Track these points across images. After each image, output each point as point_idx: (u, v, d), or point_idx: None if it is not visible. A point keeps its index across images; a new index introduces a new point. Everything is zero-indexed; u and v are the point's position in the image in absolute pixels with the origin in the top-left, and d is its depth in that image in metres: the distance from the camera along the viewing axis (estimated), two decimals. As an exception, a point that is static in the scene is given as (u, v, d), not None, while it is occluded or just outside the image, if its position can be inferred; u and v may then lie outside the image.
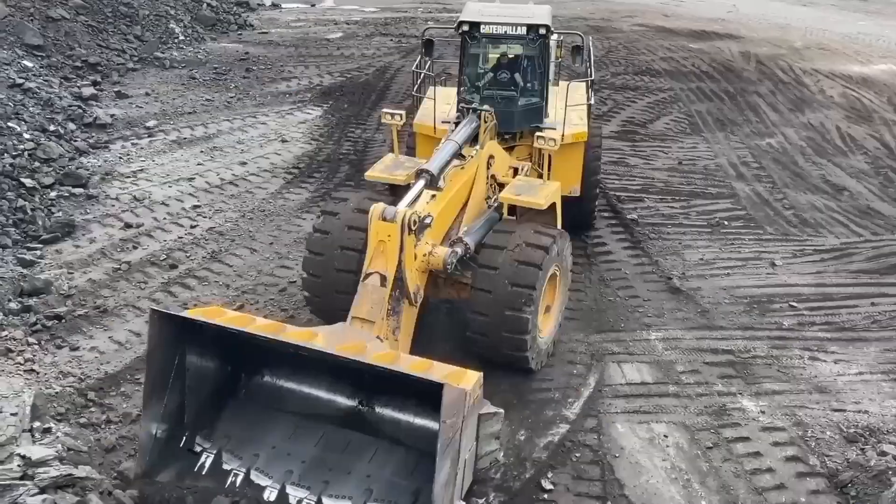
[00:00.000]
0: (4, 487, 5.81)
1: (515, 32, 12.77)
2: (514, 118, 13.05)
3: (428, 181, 10.37)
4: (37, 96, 19.21)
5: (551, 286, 11.44)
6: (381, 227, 9.52)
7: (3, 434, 6.29)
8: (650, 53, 28.29)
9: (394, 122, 12.26)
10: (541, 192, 11.67)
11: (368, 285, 9.53)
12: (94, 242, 14.60)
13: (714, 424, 10.74)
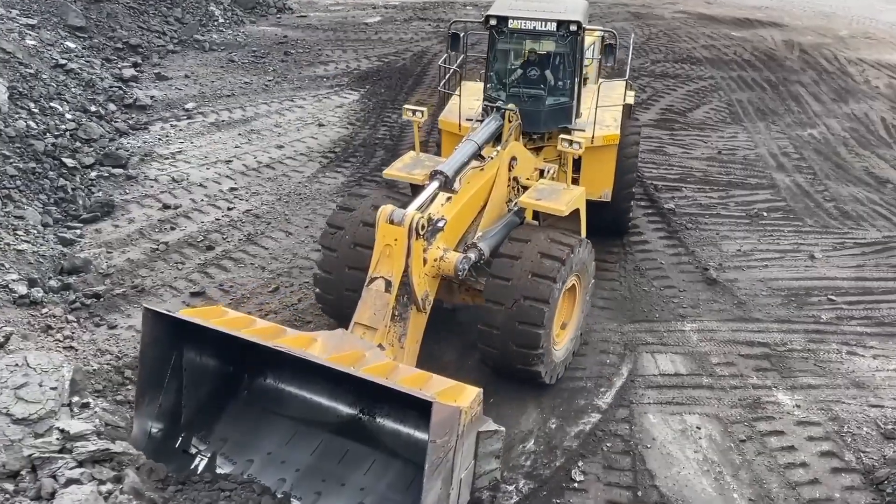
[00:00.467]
0: (44, 460, 5.91)
1: (545, 28, 12.13)
2: (540, 118, 12.52)
3: (442, 183, 9.96)
4: (79, 77, 19.45)
5: (570, 297, 11.03)
6: (387, 231, 9.13)
7: (43, 408, 6.39)
8: (691, 41, 27.93)
9: (415, 118, 11.80)
10: (563, 198, 11.09)
11: (372, 290, 9.20)
12: (133, 223, 14.78)
13: (748, 417, 10.64)
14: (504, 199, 11.51)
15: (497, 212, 11.32)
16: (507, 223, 11.20)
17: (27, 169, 14.91)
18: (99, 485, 5.79)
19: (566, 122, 12.70)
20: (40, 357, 6.79)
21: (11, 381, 6.48)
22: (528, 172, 11.95)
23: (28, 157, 15.21)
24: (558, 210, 10.80)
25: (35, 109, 16.63)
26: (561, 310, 10.70)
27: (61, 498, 5.52)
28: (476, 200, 10.92)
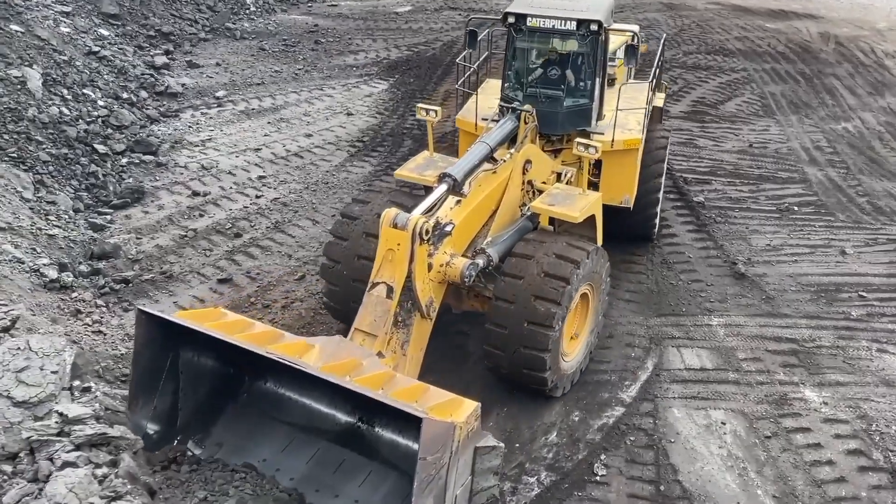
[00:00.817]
0: (42, 443, 5.99)
1: (564, 27, 11.59)
2: (558, 120, 12.02)
3: (450, 186, 9.64)
4: (111, 64, 19.62)
5: (582, 308, 10.69)
6: (390, 235, 8.89)
7: (44, 391, 6.47)
8: (724, 32, 27.58)
9: (429, 117, 11.44)
10: (577, 204, 10.68)
11: (373, 296, 8.98)
12: (163, 209, 14.92)
13: (774, 413, 10.54)
14: (517, 204, 11.20)
15: (509, 216, 11.02)
16: (520, 228, 10.89)
17: (60, 155, 15.09)
18: (95, 468, 5.86)
19: (585, 125, 12.24)
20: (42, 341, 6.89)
21: (13, 365, 6.58)
22: (543, 176, 11.63)
23: (61, 143, 15.39)
24: (571, 217, 10.44)
25: (68, 96, 16.82)
26: (572, 319, 10.44)
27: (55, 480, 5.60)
28: (487, 204, 10.62)
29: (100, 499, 5.58)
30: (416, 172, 11.34)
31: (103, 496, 5.63)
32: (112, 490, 5.71)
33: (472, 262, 9.72)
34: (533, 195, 11.33)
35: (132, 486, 5.87)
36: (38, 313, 10.60)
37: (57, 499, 5.42)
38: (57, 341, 6.88)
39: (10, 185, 13.35)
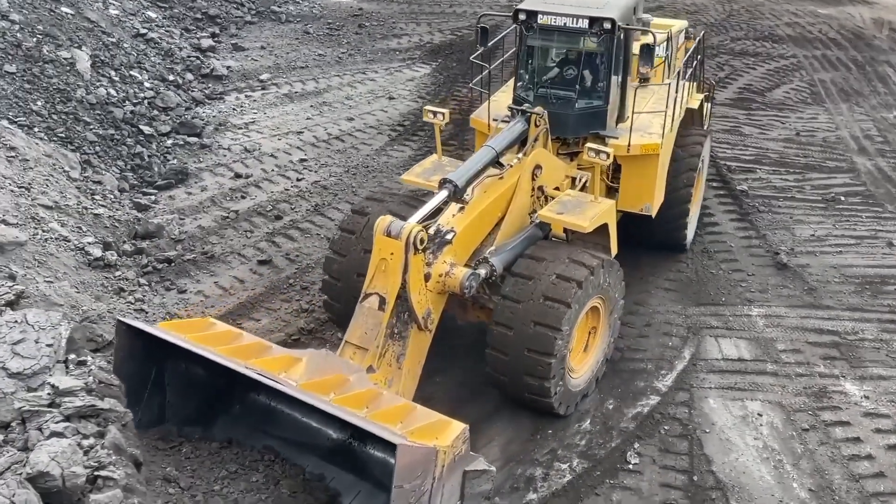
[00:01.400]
0: (33, 413, 6.16)
1: (576, 25, 10.94)
2: (569, 122, 11.39)
3: (451, 192, 9.25)
4: (158, 46, 19.89)
5: (592, 320, 10.28)
6: (384, 244, 8.54)
7: (38, 363, 6.65)
8: (774, 18, 27.07)
9: (436, 120, 11.01)
10: (588, 212, 10.19)
11: (365, 307, 8.63)
12: (206, 190, 15.12)
13: (812, 406, 10.40)
14: (526, 211, 10.70)
15: (517, 224, 10.52)
16: (528, 237, 10.37)
17: (106, 135, 15.36)
18: (82, 439, 6.02)
19: (599, 128, 11.56)
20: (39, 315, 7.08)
21: (9, 337, 6.80)
22: (556, 181, 11.13)
23: (107, 124, 15.66)
24: (580, 226, 10.00)
25: (115, 77, 17.09)
26: (583, 333, 10.17)
27: (39, 449, 5.76)
28: (492, 211, 10.16)
29: (83, 468, 5.74)
30: (423, 177, 10.89)
31: (87, 465, 5.78)
32: (96, 460, 5.87)
33: (474, 272, 9.29)
34: (543, 201, 10.84)
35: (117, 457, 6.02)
36: (82, 291, 10.85)
37: (39, 467, 5.59)
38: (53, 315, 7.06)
39: (57, 165, 13.63)
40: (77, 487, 5.66)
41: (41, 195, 12.38)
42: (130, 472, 6.08)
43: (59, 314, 7.11)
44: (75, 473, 5.67)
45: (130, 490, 5.88)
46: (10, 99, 14.43)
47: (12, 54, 15.37)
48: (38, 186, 12.56)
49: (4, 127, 13.44)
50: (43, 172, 13.05)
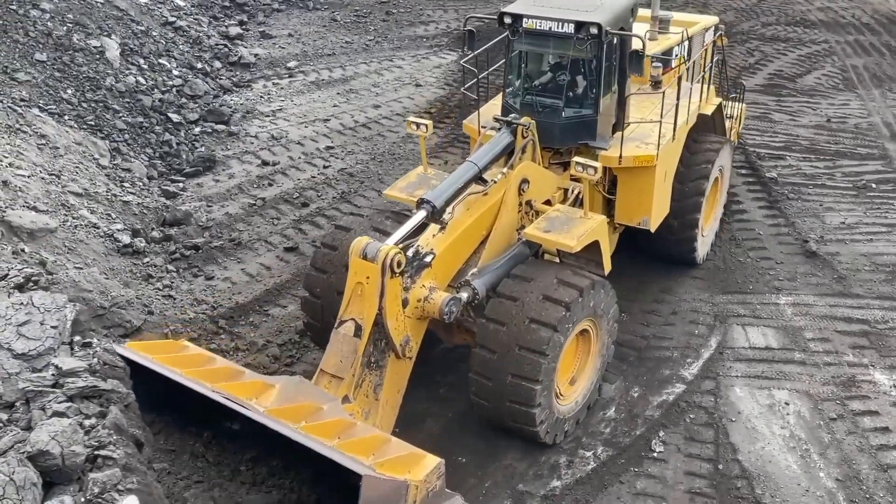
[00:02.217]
0: (37, 393, 6.25)
1: (561, 30, 10.18)
2: (555, 132, 10.69)
3: (429, 213, 8.77)
4: (186, 34, 20.02)
5: (583, 344, 9.78)
6: (360, 267, 8.14)
7: (42, 344, 6.74)
8: (806, 3, 26.67)
9: (419, 132, 10.37)
10: (575, 230, 9.61)
11: (340, 334, 8.23)
12: (233, 178, 15.22)
13: (840, 395, 10.30)
14: (513, 228, 10.15)
15: (504, 242, 9.97)
16: (515, 256, 9.85)
17: (135, 123, 15.51)
18: (84, 419, 6.12)
19: (588, 139, 10.82)
20: (45, 297, 7.18)
21: (15, 319, 6.92)
22: (546, 194, 10.57)
23: (136, 112, 15.81)
24: (566, 246, 9.46)
25: (144, 66, 17.24)
26: (573, 357, 9.69)
27: (40, 429, 5.86)
28: (476, 230, 9.61)
29: (83, 447, 5.84)
30: (406, 192, 10.33)
31: (87, 445, 5.87)
32: (97, 440, 5.96)
33: (454, 297, 8.81)
34: (533, 216, 10.30)
35: (118, 437, 6.11)
36: (111, 277, 10.98)
37: (39, 446, 5.70)
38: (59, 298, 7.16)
39: (87, 152, 13.79)
40: (77, 466, 5.77)
41: (71, 182, 12.54)
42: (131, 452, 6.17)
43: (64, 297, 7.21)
44: (75, 452, 5.78)
45: (130, 469, 5.97)
46: (40, 87, 14.61)
47: (43, 43, 15.55)
48: (68, 174, 12.72)
49: (35, 115, 13.61)
50: (73, 160, 13.21)
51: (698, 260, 12.60)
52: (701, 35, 13.38)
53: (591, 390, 9.96)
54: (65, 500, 5.53)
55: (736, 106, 14.42)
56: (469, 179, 9.42)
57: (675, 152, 11.63)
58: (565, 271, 9.37)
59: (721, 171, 12.82)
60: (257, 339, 11.04)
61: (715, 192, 12.97)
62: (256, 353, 10.68)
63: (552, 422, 9.27)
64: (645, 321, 11.66)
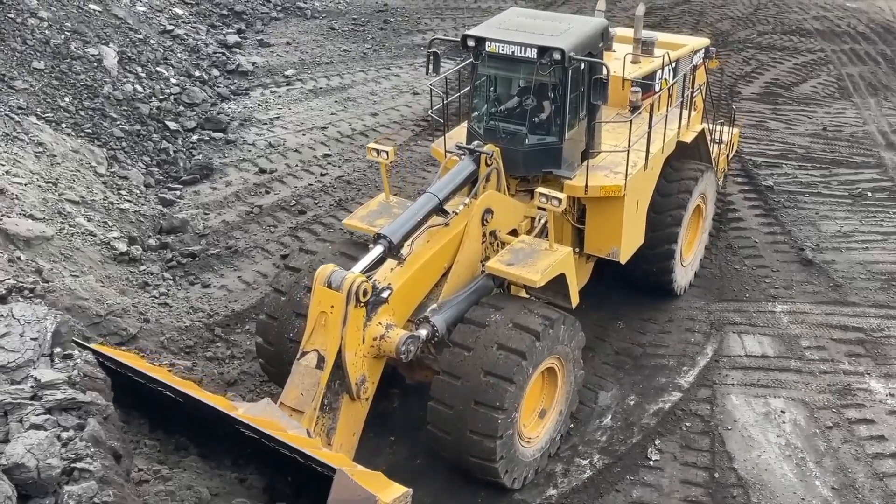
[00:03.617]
0: (15, 405, 6.22)
1: (524, 55, 9.79)
2: (519, 159, 10.25)
3: (386, 249, 8.45)
4: (184, 43, 20.05)
5: (549, 383, 9.32)
6: (324, 295, 7.82)
7: (22, 356, 6.71)
8: (802, 12, 26.77)
9: (381, 159, 9.99)
10: (540, 263, 9.18)
11: (302, 366, 7.88)
12: (230, 186, 15.23)
13: (836, 404, 10.32)
14: (476, 259, 9.72)
15: (467, 274, 9.57)
16: (477, 289, 9.48)
17: (133, 131, 15.52)
18: (62, 431, 6.09)
19: (552, 167, 10.37)
20: (25, 309, 7.16)
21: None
22: (512, 223, 10.20)
23: (134, 120, 15.82)
24: (529, 280, 9.04)
25: (142, 74, 17.25)
26: (538, 397, 9.25)
27: (15, 441, 5.83)
28: (436, 262, 9.22)
29: (59, 460, 5.82)
30: (366, 222, 9.94)
31: (64, 457, 5.85)
32: (74, 452, 5.93)
33: (412, 335, 8.43)
34: (498, 247, 9.90)
35: (95, 450, 6.07)
36: (107, 285, 10.98)
37: (14, 458, 5.66)
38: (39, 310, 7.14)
39: (84, 160, 13.79)
40: (52, 479, 5.73)
41: (68, 190, 12.54)
42: (108, 465, 6.13)
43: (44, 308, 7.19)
44: (50, 465, 5.74)
45: (107, 482, 5.92)
46: (38, 95, 14.61)
47: (41, 51, 15.57)
48: (65, 181, 12.72)
49: (33, 123, 13.62)
50: (70, 168, 13.22)
51: (677, 291, 12.13)
52: (688, 58, 12.84)
53: (556, 438, 9.49)
54: (40, 513, 5.50)
55: (726, 131, 14.05)
56: (428, 212, 9.07)
57: (649, 181, 11.14)
58: (534, 303, 9.14)
59: (703, 199, 12.33)
60: (253, 348, 11.01)
61: (697, 219, 12.49)
62: (252, 362, 10.66)
63: (514, 463, 8.79)
64: (641, 329, 11.67)
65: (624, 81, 11.32)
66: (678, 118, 11.59)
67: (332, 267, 8.05)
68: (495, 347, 8.42)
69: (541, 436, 9.26)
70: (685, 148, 11.91)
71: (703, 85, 12.95)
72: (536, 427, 9.25)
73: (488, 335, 8.53)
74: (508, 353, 8.38)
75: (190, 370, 10.17)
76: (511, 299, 9.32)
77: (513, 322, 8.62)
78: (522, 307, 8.90)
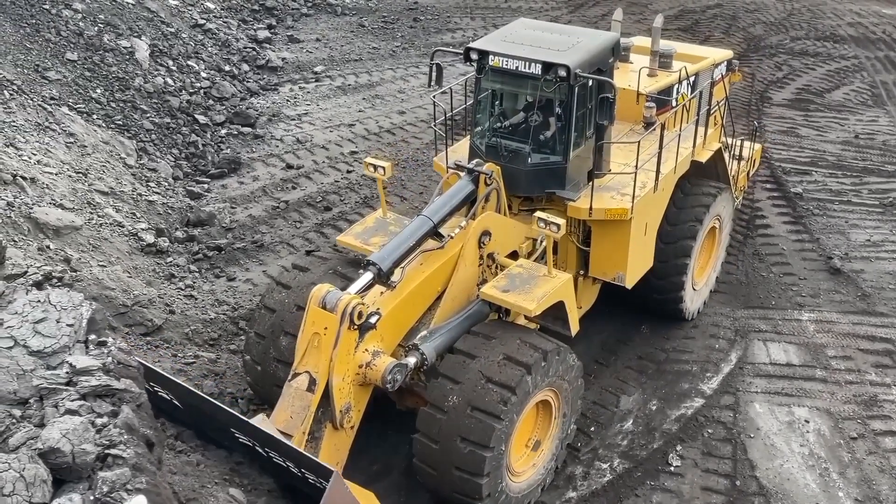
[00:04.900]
0: (50, 391, 6.28)
1: (528, 70, 9.33)
2: (521, 179, 9.80)
3: (375, 276, 8.04)
4: (215, 37, 20.19)
5: (543, 415, 8.86)
6: (318, 316, 7.54)
7: (58, 342, 6.76)
8: (837, 18, 26.49)
9: (377, 174, 9.72)
10: (537, 290, 8.72)
11: (293, 387, 7.56)
12: (257, 180, 15.31)
13: (862, 414, 10.19)
14: (472, 283, 9.26)
15: (462, 299, 9.11)
16: (471, 315, 8.98)
17: (162, 124, 15.65)
18: (96, 417, 6.13)
19: (556, 187, 9.85)
20: (62, 295, 7.21)
21: (32, 316, 6.93)
22: (511, 245, 9.74)
23: (164, 113, 15.96)
24: (524, 309, 8.59)
25: (173, 67, 17.40)
26: (531, 429, 8.82)
27: (52, 426, 5.88)
28: (429, 286, 8.79)
29: (94, 445, 5.85)
30: (361, 239, 9.55)
31: (98, 443, 5.89)
32: (107, 439, 5.97)
33: (399, 363, 8.01)
34: (496, 270, 9.45)
35: (129, 437, 6.11)
36: (134, 276, 11.08)
37: (50, 443, 5.71)
38: (75, 296, 7.19)
39: (114, 152, 13.93)
40: (86, 464, 5.78)
41: (98, 181, 12.67)
42: (141, 452, 6.17)
43: (80, 295, 7.25)
44: (85, 451, 5.79)
45: (139, 469, 5.97)
46: (70, 86, 14.78)
47: (74, 42, 15.73)
48: (94, 172, 12.85)
49: (65, 113, 13.78)
50: (100, 159, 13.35)
51: (687, 316, 11.64)
52: (709, 71, 12.20)
53: (549, 469, 9.02)
54: (73, 498, 5.54)
55: (747, 146, 13.42)
56: (421, 237, 8.61)
57: (659, 203, 10.60)
58: (530, 333, 8.65)
59: (718, 221, 11.77)
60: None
61: (712, 240, 11.97)
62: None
63: (501, 495, 8.33)
64: (665, 334, 11.59)
65: (639, 96, 10.92)
66: (691, 136, 10.93)
67: (328, 287, 7.74)
68: (484, 381, 7.98)
69: (535, 467, 8.84)
70: (701, 166, 11.32)
71: (720, 101, 12.35)
72: (529, 460, 8.81)
73: (477, 368, 8.08)
74: (497, 387, 7.93)
75: (214, 362, 10.25)
76: (504, 328, 8.80)
77: (503, 354, 8.16)
78: (515, 337, 8.43)
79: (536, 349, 8.25)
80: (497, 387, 7.94)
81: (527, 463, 8.77)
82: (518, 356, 8.14)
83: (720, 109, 12.33)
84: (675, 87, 11.49)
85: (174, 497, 6.56)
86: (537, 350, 8.24)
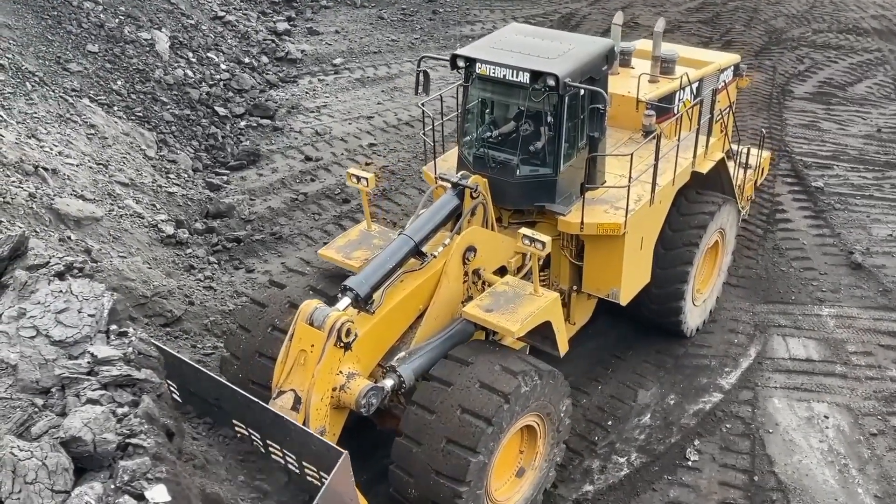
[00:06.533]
0: (72, 380, 6.34)
1: (516, 79, 8.94)
2: (508, 192, 9.41)
3: (352, 301, 7.68)
4: (235, 29, 20.24)
5: (529, 441, 8.44)
6: (305, 333, 7.26)
7: (79, 332, 6.82)
8: (860, 10, 26.21)
9: (361, 185, 9.25)
10: (521, 310, 8.30)
11: (277, 406, 7.22)
12: (276, 172, 15.36)
13: (882, 411, 10.12)
14: (456, 301, 8.83)
15: (445, 317, 8.69)
16: (452, 335, 8.56)
17: (182, 116, 15.73)
18: (117, 406, 6.19)
19: (546, 200, 9.45)
20: (84, 286, 7.27)
21: (54, 306, 7.01)
22: (499, 261, 9.32)
23: (184, 105, 16.03)
24: (507, 330, 8.18)
25: (193, 59, 17.46)
26: (515, 456, 8.43)
27: (73, 415, 5.94)
28: (409, 305, 8.39)
29: (115, 435, 5.91)
30: (343, 254, 9.14)
31: (119, 433, 5.94)
32: (128, 428, 6.03)
33: (374, 387, 7.60)
34: (482, 287, 9.01)
35: (149, 426, 6.16)
36: (153, 267, 11.15)
37: (72, 432, 5.78)
38: (97, 287, 7.24)
39: (135, 143, 14.01)
40: (108, 453, 5.85)
41: (118, 172, 12.75)
42: (161, 442, 6.23)
43: (102, 286, 7.31)
44: (106, 440, 5.86)
45: (160, 458, 6.03)
46: (91, 78, 14.87)
47: (95, 34, 15.82)
48: (115, 164, 12.93)
49: (85, 105, 13.86)
50: (120, 150, 13.43)
51: (687, 332, 11.18)
52: (713, 76, 11.85)
53: (537, 491, 8.65)
54: (95, 487, 5.60)
55: (755, 154, 12.84)
56: (402, 258, 8.25)
57: (657, 216, 10.16)
58: (511, 356, 8.14)
59: (721, 234, 11.30)
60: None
61: (714, 254, 11.52)
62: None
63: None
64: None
65: (638, 103, 10.56)
66: (692, 147, 10.43)
67: (316, 303, 7.44)
68: (459, 411, 7.53)
69: (519, 495, 8.44)
70: (705, 176, 10.84)
71: (724, 109, 11.86)
72: (512, 487, 8.41)
73: (452, 397, 7.64)
74: (473, 417, 7.49)
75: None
76: (484, 351, 8.24)
77: (480, 381, 7.70)
78: (493, 362, 7.91)
79: (516, 375, 7.75)
80: (473, 417, 7.49)
81: (511, 490, 8.39)
82: (495, 384, 7.66)
83: (724, 117, 11.89)
84: (677, 94, 11.06)
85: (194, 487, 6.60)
86: (516, 376, 7.73)
